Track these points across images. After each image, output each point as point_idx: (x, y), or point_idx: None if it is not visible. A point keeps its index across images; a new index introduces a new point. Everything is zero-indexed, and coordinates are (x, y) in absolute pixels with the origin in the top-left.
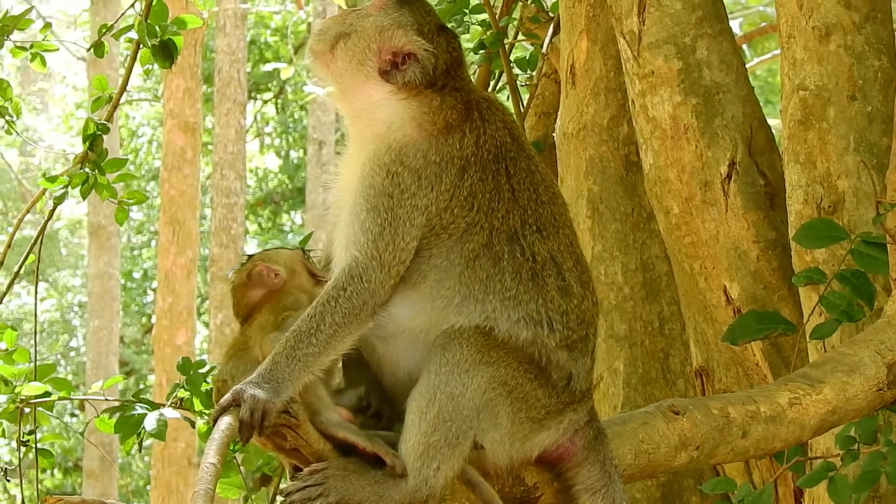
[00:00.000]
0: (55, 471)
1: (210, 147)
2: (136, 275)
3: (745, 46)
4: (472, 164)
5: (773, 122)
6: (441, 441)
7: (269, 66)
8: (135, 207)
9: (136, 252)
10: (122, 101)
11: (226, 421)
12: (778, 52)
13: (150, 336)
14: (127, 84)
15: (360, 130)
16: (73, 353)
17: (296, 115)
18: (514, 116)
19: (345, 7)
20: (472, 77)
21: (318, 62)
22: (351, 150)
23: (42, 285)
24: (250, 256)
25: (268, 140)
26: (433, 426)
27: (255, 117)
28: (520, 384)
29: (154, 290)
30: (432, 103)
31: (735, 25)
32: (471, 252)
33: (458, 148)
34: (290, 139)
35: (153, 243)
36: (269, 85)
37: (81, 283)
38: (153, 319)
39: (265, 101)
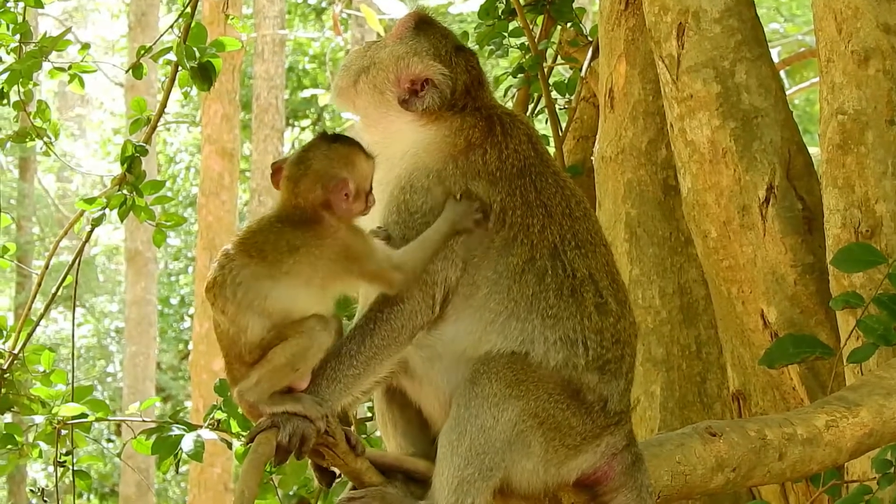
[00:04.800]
0: (92, 496)
1: (248, 173)
2: (174, 301)
3: (783, 74)
4: (499, 178)
5: (812, 150)
6: (475, 474)
7: (307, 93)
8: (172, 233)
9: (173, 278)
10: (159, 125)
11: (262, 443)
12: (816, 80)
13: (186, 362)
14: (165, 105)
15: (382, 160)
16: (109, 379)
17: None
18: (537, 132)
19: (382, 33)
20: (509, 98)
21: (344, 98)
22: (376, 179)
23: (79, 311)
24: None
25: None
26: (466, 459)
27: (293, 144)
28: (551, 415)
29: (191, 316)
30: (452, 125)
31: (774, 54)
32: (516, 266)
33: (481, 163)
34: None
35: (190, 269)
36: (307, 112)
37: (118, 309)
38: (190, 345)
39: (303, 128)
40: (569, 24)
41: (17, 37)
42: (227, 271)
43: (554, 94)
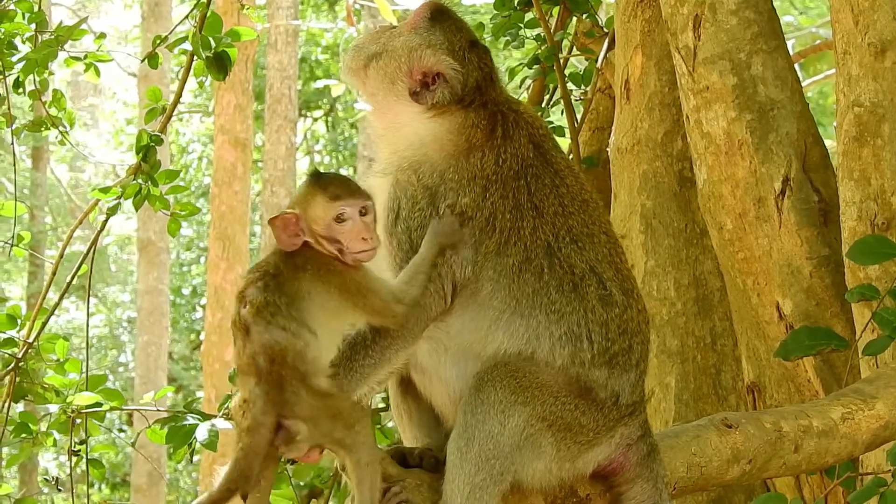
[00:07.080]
0: (103, 486)
1: (260, 164)
2: (186, 291)
3: (797, 66)
4: (493, 182)
5: (828, 142)
6: (487, 480)
7: (319, 84)
8: (184, 223)
9: (185, 268)
10: (173, 115)
11: None
12: (830, 72)
13: (198, 352)
14: (181, 95)
15: (386, 148)
16: (121, 369)
17: (346, 133)
18: (546, 127)
19: (396, 24)
20: (525, 89)
21: (353, 78)
22: (378, 168)
23: (91, 301)
24: None
25: (318, 157)
26: (476, 466)
27: (306, 134)
28: (560, 416)
29: (203, 306)
30: (456, 121)
31: (788, 46)
32: (513, 266)
33: (479, 167)
34: (341, 157)
35: (202, 260)
36: (320, 102)
37: (130, 299)
38: (202, 335)
39: (315, 119)
40: (584, 15)
41: (33, 26)
42: (269, 293)
43: (570, 85)
